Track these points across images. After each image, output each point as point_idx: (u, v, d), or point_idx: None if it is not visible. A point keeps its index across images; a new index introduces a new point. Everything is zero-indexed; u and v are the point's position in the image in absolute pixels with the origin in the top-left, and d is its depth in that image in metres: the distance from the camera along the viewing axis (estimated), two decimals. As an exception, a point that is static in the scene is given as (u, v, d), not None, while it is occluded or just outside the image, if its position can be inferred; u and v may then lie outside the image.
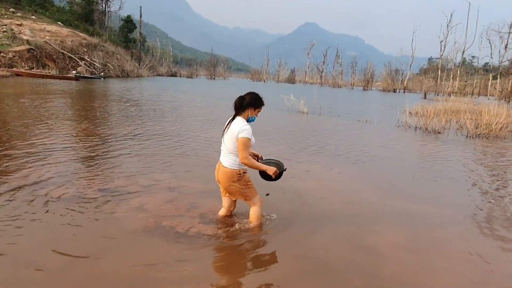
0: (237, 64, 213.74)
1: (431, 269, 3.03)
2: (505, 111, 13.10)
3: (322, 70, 74.02)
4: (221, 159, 3.42)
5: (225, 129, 3.36)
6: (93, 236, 3.22)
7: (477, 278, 2.93)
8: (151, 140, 7.55)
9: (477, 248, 3.48)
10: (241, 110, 3.32)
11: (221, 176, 3.40)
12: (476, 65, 71.76)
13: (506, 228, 4.01)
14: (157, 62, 70.33)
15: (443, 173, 6.36)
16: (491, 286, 2.86)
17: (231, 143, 3.27)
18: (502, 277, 3.00)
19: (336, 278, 2.80)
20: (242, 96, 3.35)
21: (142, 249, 3.04)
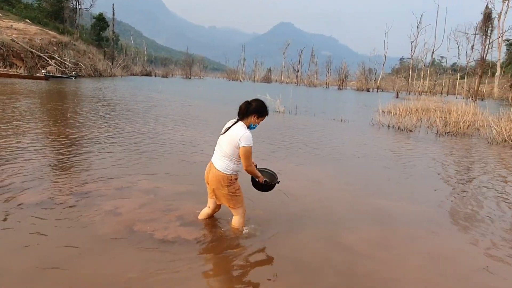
0: (213, 63, 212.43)
1: (404, 265, 3.10)
2: (472, 109, 13.64)
3: (298, 70, 74.68)
4: (214, 160, 3.32)
5: (224, 131, 3.27)
6: (60, 244, 3.04)
7: (447, 273, 3.02)
8: (124, 141, 7.37)
9: (447, 244, 3.59)
10: (246, 116, 3.24)
11: (211, 178, 3.30)
12: (444, 65, 74.42)
13: (473, 223, 4.16)
14: (131, 61, 68.93)
15: (414, 171, 6.54)
16: (461, 280, 2.95)
17: (229, 148, 3.19)
18: (471, 270, 3.10)
19: (312, 277, 2.82)
20: (248, 101, 3.27)
21: (113, 257, 2.91)
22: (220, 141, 3.29)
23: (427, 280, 2.90)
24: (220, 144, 3.29)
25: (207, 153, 6.79)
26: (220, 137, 3.32)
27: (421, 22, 57.67)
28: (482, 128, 12.06)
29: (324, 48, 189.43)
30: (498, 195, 5.30)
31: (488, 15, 40.24)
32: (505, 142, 10.29)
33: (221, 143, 3.27)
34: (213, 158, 3.36)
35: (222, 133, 3.31)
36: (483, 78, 46.10)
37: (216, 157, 3.31)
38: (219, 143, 3.31)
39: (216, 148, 3.33)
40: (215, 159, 3.31)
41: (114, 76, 46.01)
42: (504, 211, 4.62)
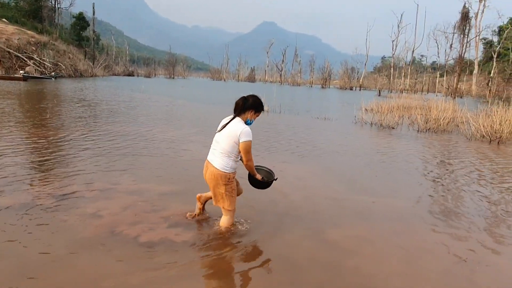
0: (196, 63, 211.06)
1: (389, 260, 3.15)
2: (451, 106, 13.96)
3: (282, 69, 74.91)
4: (211, 158, 3.26)
5: (221, 128, 3.23)
6: (37, 251, 2.91)
7: (428, 266, 3.09)
8: (105, 142, 7.25)
9: (428, 238, 3.67)
10: (242, 111, 3.22)
11: (209, 177, 3.25)
12: (425, 64, 76.01)
13: (453, 217, 4.27)
14: (113, 61, 67.92)
15: (396, 167, 6.66)
16: (442, 272, 3.01)
17: (228, 145, 3.15)
18: (451, 263, 3.17)
19: (300, 275, 2.83)
20: (245, 97, 3.24)
21: (94, 263, 2.82)
22: (218, 139, 3.23)
23: (410, 273, 2.95)
24: (217, 142, 3.23)
25: (191, 153, 6.76)
26: (217, 134, 3.26)
27: (401, 21, 58.63)
28: (461, 125, 12.36)
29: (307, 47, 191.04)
30: (476, 189, 5.45)
31: (465, 14, 41.26)
32: (483, 137, 10.58)
33: (219, 141, 3.21)
34: (209, 156, 3.29)
35: (218, 130, 3.26)
36: (462, 76, 47.28)
37: (214, 155, 3.24)
38: (216, 141, 3.25)
39: (213, 147, 3.27)
40: (213, 158, 3.24)
41: (95, 76, 45.23)
42: (481, 205, 4.75)
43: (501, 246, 3.56)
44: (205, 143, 7.69)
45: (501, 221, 4.22)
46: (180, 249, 3.10)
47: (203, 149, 7.07)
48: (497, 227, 4.03)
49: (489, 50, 57.36)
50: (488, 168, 6.92)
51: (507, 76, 42.75)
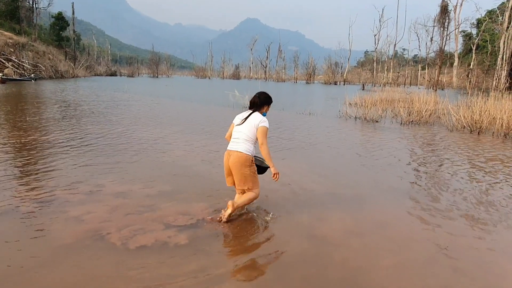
0: (180, 61, 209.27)
1: (377, 252, 3.21)
2: (433, 98, 14.25)
3: (266, 65, 74.88)
4: (235, 146, 3.68)
5: (241, 122, 3.74)
6: (20, 257, 2.87)
7: (414, 256, 3.16)
8: (89, 143, 7.14)
9: (414, 228, 3.75)
10: (260, 107, 3.81)
11: (235, 160, 3.63)
12: (406, 57, 77.04)
13: (436, 207, 4.36)
14: (95, 61, 66.79)
15: (381, 160, 6.76)
16: (427, 260, 3.08)
17: (250, 131, 3.66)
18: (436, 252, 3.24)
19: (287, 270, 2.86)
20: (258, 96, 3.83)
21: (80, 267, 2.76)
22: (240, 129, 3.72)
23: (396, 264, 3.01)
24: (240, 131, 3.70)
25: (176, 152, 6.72)
26: (237, 127, 3.76)
27: (383, 16, 59.39)
28: (443, 116, 12.61)
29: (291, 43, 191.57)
30: (458, 179, 5.58)
31: (444, 7, 41.95)
32: (464, 128, 10.82)
33: (242, 130, 3.70)
34: (232, 146, 3.72)
35: (239, 123, 3.76)
36: (443, 68, 48.16)
37: (238, 142, 3.68)
38: (238, 131, 3.72)
39: (236, 136, 3.73)
40: (237, 145, 3.68)
41: (77, 77, 44.42)
42: (464, 194, 4.87)
43: (483, 233, 3.66)
44: (189, 142, 7.66)
45: (483, 208, 4.33)
46: (171, 251, 3.08)
47: (187, 148, 7.04)
48: (479, 214, 4.14)
49: (468, 42, 58.53)
50: (469, 158, 7.08)
51: (486, 68, 43.69)
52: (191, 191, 4.54)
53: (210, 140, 7.94)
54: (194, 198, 4.29)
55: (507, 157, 7.26)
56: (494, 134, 10.14)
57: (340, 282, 2.72)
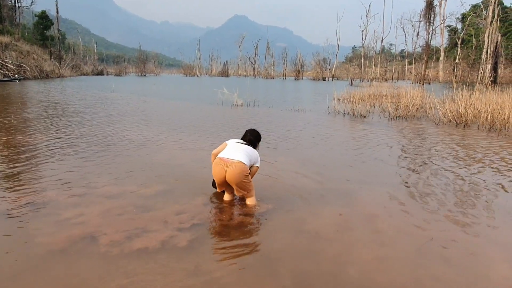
0: (168, 59, 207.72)
1: (368, 245, 3.26)
2: (420, 93, 14.43)
3: (255, 62, 74.83)
4: (235, 156, 3.82)
5: (241, 143, 4.03)
6: (10, 261, 2.83)
7: (402, 247, 3.23)
8: (77, 144, 7.07)
9: (404, 220, 3.82)
10: (253, 144, 4.14)
11: (236, 171, 3.75)
12: (394, 52, 77.88)
13: (426, 199, 4.45)
14: (81, 60, 65.88)
15: (370, 155, 6.84)
16: (418, 252, 3.15)
17: (247, 159, 3.87)
18: (426, 243, 3.31)
19: (278, 266, 2.89)
20: (248, 133, 4.21)
21: (74, 274, 2.72)
22: (239, 147, 3.96)
23: (388, 256, 3.08)
24: (241, 150, 3.92)
25: (167, 151, 6.69)
26: (236, 144, 4.01)
27: (369, 11, 59.76)
28: (429, 110, 12.80)
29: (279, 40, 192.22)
30: (445, 172, 5.69)
31: (430, 2, 42.40)
32: (450, 122, 11.01)
33: (242, 151, 3.92)
34: (230, 156, 3.84)
35: (234, 142, 4.05)
36: (429, 63, 48.76)
37: (237, 154, 3.85)
38: (238, 148, 3.94)
39: (234, 149, 3.92)
40: (237, 156, 3.83)
41: (62, 77, 43.77)
42: (449, 187, 4.97)
43: (469, 224, 3.74)
44: (179, 141, 7.64)
45: (469, 200, 4.43)
46: (168, 255, 3.06)
47: (178, 147, 7.03)
48: (465, 206, 4.23)
49: (454, 37, 59.33)
50: (456, 151, 7.22)
51: (471, 62, 44.34)
52: (185, 190, 4.54)
53: (200, 139, 7.93)
54: (189, 197, 4.29)
55: (492, 150, 7.41)
56: (479, 127, 10.33)
57: (332, 277, 2.76)
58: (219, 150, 4.03)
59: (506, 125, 9.80)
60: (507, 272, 2.88)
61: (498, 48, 33.57)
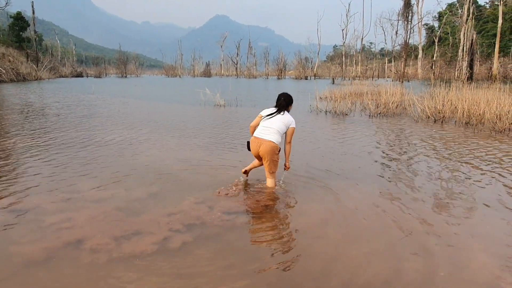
0: (149, 60, 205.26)
1: (352, 241, 3.33)
2: (399, 90, 14.72)
3: (237, 62, 74.80)
4: (267, 136, 4.37)
5: (268, 117, 4.46)
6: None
7: (384, 240, 3.31)
8: (59, 148, 6.92)
9: (388, 216, 3.90)
10: (285, 107, 4.53)
11: (267, 149, 4.34)
12: (374, 51, 79.15)
13: (407, 193, 4.57)
14: (59, 62, 64.37)
15: (352, 152, 6.96)
16: (403, 246, 3.24)
17: (282, 127, 4.41)
18: (408, 235, 3.41)
19: (267, 264, 2.92)
20: (281, 97, 4.52)
21: (56, 279, 2.67)
22: (271, 123, 4.42)
23: (372, 250, 3.15)
24: (272, 125, 4.40)
25: (151, 153, 6.63)
26: (268, 120, 4.45)
27: (349, 10, 60.52)
28: (409, 107, 13.08)
29: (261, 39, 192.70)
30: (425, 166, 5.85)
31: (408, 1, 43.25)
32: (428, 118, 11.28)
33: (273, 125, 4.40)
34: (263, 135, 4.39)
35: (266, 118, 4.48)
36: (408, 60, 49.79)
37: (269, 133, 4.38)
38: (270, 124, 4.41)
39: (266, 128, 4.41)
40: (269, 135, 4.37)
41: (40, 79, 42.71)
42: (430, 182, 5.11)
43: (449, 217, 3.86)
44: (163, 142, 7.58)
45: (449, 194, 4.57)
46: (156, 261, 3.02)
47: (162, 149, 6.97)
48: (445, 199, 4.37)
49: (431, 35, 60.76)
50: (434, 147, 7.41)
51: (448, 59, 45.52)
52: (173, 192, 4.53)
53: (183, 139, 7.90)
54: (178, 199, 4.28)
55: (469, 146, 7.64)
56: (456, 123, 10.63)
57: (318, 273, 2.80)
58: (256, 122, 4.59)
59: (482, 120, 10.11)
60: (484, 261, 2.99)
61: (473, 45, 34.54)
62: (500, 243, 3.32)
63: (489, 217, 3.90)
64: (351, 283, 2.66)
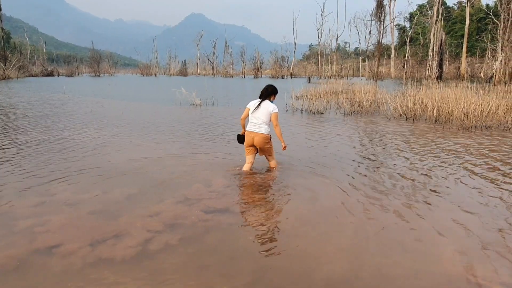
0: (123, 59, 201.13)
1: (329, 238, 3.41)
2: (372, 89, 15.09)
3: (213, 61, 74.33)
4: (257, 129, 5.05)
5: (255, 109, 5.07)
6: None
7: (367, 238, 3.41)
8: (30, 150, 6.70)
9: (362, 212, 4.02)
10: (267, 97, 5.16)
11: (259, 140, 5.06)
12: (348, 50, 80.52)
13: (383, 189, 4.71)
14: (28, 61, 62.03)
15: (328, 150, 7.09)
16: (378, 242, 3.35)
17: (266, 116, 5.04)
18: (377, 230, 3.53)
19: (243, 265, 2.95)
20: (266, 88, 5.15)
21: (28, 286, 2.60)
22: (256, 115, 5.06)
23: (349, 247, 3.24)
24: (257, 117, 5.05)
25: (126, 154, 6.53)
26: (254, 113, 5.07)
27: (324, 10, 61.33)
28: (382, 106, 13.41)
29: (237, 38, 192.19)
30: (399, 163, 6.04)
31: (380, 2, 44.29)
32: (401, 116, 11.62)
33: (258, 116, 5.04)
34: (254, 128, 5.07)
35: (253, 110, 5.09)
36: (381, 60, 50.95)
37: (258, 126, 5.06)
38: (255, 117, 5.05)
39: (255, 121, 5.06)
40: (259, 128, 5.05)
41: (8, 78, 41.03)
42: (403, 178, 5.29)
43: (421, 211, 4.02)
44: (138, 142, 7.48)
45: (418, 189, 4.75)
46: (129, 267, 2.98)
47: (137, 149, 6.88)
48: (417, 195, 4.53)
49: (403, 35, 62.40)
50: (406, 144, 7.66)
51: (419, 59, 46.89)
52: (150, 193, 4.49)
53: (158, 139, 7.81)
54: (156, 198, 4.26)
55: (437, 142, 7.93)
56: (426, 120, 11.00)
57: (295, 272, 2.83)
58: (245, 115, 5.22)
59: (450, 117, 10.51)
60: (452, 253, 3.13)
61: (442, 45, 35.74)
62: (468, 235, 3.48)
63: (457, 210, 4.07)
64: (328, 280, 2.72)
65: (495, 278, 2.75)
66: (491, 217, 3.87)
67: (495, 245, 3.26)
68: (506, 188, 4.81)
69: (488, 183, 5.05)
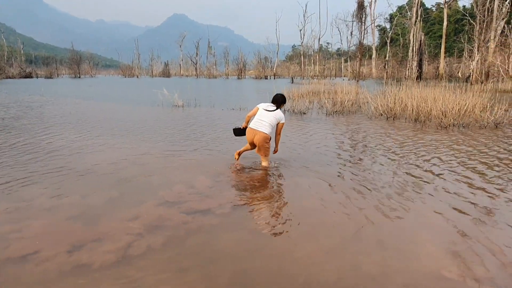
0: (105, 60, 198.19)
1: (310, 238, 3.43)
2: (354, 89, 15.28)
3: (196, 62, 73.92)
4: (261, 128, 5.35)
5: (266, 112, 5.39)
6: None
7: (347, 237, 3.44)
8: (6, 153, 6.48)
9: (342, 211, 4.05)
10: (281, 104, 5.52)
11: (260, 138, 5.33)
12: (331, 50, 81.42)
13: (365, 187, 4.76)
14: (5, 62, 60.39)
15: (310, 149, 7.12)
16: (358, 241, 3.37)
17: (273, 122, 5.40)
18: (356, 229, 3.56)
19: (222, 266, 2.93)
20: (278, 96, 5.54)
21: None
22: (264, 117, 5.39)
23: (331, 246, 3.26)
24: (266, 119, 5.38)
25: (106, 156, 6.40)
26: (263, 114, 5.41)
27: (306, 11, 61.81)
28: (363, 106, 13.59)
29: (220, 39, 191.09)
30: (377, 163, 6.12)
31: (361, 3, 44.90)
32: (381, 115, 11.80)
33: (267, 118, 5.38)
34: (258, 127, 5.37)
35: (263, 112, 5.42)
36: (363, 60, 51.66)
37: (262, 126, 5.36)
38: (264, 118, 5.39)
39: (262, 119, 5.39)
40: (263, 127, 5.35)
41: (-16, 80, 39.80)
42: (383, 176, 5.37)
43: (400, 209, 4.08)
44: (118, 145, 7.35)
45: (398, 187, 4.82)
46: (109, 273, 2.95)
47: (117, 152, 6.76)
48: (396, 192, 4.60)
49: (383, 36, 63.47)
50: (386, 142, 7.77)
51: (399, 59, 47.71)
52: (131, 196, 4.41)
53: (139, 142, 7.70)
54: (136, 201, 4.19)
55: (418, 141, 8.08)
56: (406, 119, 11.20)
57: (276, 273, 2.83)
58: (253, 113, 5.54)
59: (429, 116, 10.72)
60: (431, 250, 3.19)
61: (422, 46, 36.50)
62: (444, 232, 3.55)
63: (436, 208, 4.15)
64: (309, 281, 2.73)
65: (469, 274, 2.81)
66: (469, 215, 3.96)
67: (471, 242, 3.33)
68: (482, 187, 4.94)
69: (467, 180, 5.17)
